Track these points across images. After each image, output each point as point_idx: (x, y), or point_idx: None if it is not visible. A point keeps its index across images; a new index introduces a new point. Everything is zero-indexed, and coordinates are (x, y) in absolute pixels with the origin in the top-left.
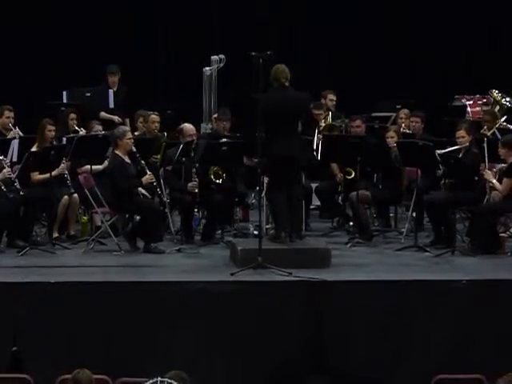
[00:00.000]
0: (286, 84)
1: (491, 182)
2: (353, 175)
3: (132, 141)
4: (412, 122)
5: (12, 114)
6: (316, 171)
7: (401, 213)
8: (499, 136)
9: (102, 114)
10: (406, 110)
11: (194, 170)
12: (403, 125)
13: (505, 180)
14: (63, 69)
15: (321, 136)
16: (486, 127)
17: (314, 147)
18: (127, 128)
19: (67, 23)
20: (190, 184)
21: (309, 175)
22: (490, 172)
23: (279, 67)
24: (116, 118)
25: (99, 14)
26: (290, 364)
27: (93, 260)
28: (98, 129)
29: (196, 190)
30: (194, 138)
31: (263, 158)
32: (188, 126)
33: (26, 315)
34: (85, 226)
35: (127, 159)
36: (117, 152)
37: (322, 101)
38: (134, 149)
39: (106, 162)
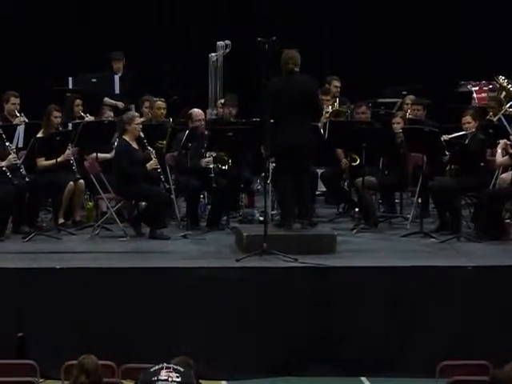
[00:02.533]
0: (296, 69)
1: (497, 150)
2: (358, 162)
3: (140, 126)
4: (414, 109)
5: (18, 101)
6: (321, 157)
7: (406, 199)
8: (505, 122)
9: (106, 99)
10: (411, 96)
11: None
12: (409, 111)
13: (507, 157)
14: (69, 55)
15: (325, 120)
16: (491, 113)
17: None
18: (136, 113)
19: (73, 9)
20: (204, 160)
21: (314, 161)
22: (503, 142)
23: (288, 53)
24: (120, 104)
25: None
26: (296, 350)
27: (98, 246)
28: (109, 115)
29: (211, 166)
30: (203, 122)
31: (272, 143)
32: (197, 111)
33: (31, 301)
34: (90, 212)
35: (134, 144)
36: (124, 137)
37: (327, 86)
38: (142, 134)
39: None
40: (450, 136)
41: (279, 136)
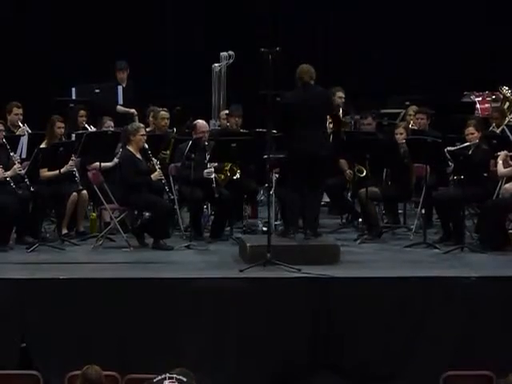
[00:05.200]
0: (311, 82)
1: (498, 162)
2: (364, 173)
3: (145, 137)
4: (418, 118)
5: (20, 111)
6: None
7: (410, 209)
8: (508, 133)
9: (119, 107)
10: (414, 107)
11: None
12: (412, 121)
13: (510, 169)
14: (72, 65)
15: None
16: (494, 124)
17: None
18: (141, 124)
19: (76, 19)
20: (206, 171)
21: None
22: (503, 154)
23: (304, 67)
24: (133, 111)
25: (108, 9)
26: (298, 360)
27: (102, 256)
28: (109, 125)
29: (212, 176)
30: (207, 134)
31: (289, 154)
32: (201, 123)
33: (34, 311)
34: (94, 223)
35: (138, 155)
36: (128, 148)
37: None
38: (146, 145)
39: (116, 160)
40: (454, 148)
41: (297, 147)
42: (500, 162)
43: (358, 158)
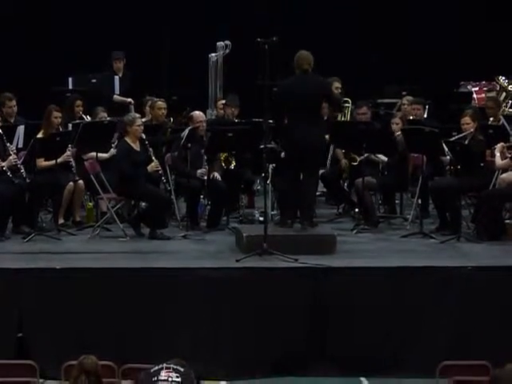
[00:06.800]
0: (309, 69)
1: (496, 154)
2: (357, 162)
3: (142, 128)
4: (413, 109)
5: (13, 103)
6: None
7: (406, 199)
8: (505, 122)
9: (116, 97)
10: (409, 97)
11: (205, 157)
12: (406, 112)
13: (507, 160)
14: (69, 55)
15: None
16: (489, 114)
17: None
18: (137, 115)
19: (73, 9)
20: (199, 171)
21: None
22: (500, 146)
23: (302, 53)
24: (129, 100)
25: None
26: (295, 350)
27: (98, 246)
28: (102, 116)
29: (205, 178)
30: (204, 124)
31: (284, 142)
32: (198, 113)
33: (31, 301)
34: (90, 212)
35: (135, 146)
36: (125, 139)
37: None
38: (144, 136)
39: (113, 150)
40: (452, 139)
41: (292, 135)
42: (498, 154)
43: (355, 148)
